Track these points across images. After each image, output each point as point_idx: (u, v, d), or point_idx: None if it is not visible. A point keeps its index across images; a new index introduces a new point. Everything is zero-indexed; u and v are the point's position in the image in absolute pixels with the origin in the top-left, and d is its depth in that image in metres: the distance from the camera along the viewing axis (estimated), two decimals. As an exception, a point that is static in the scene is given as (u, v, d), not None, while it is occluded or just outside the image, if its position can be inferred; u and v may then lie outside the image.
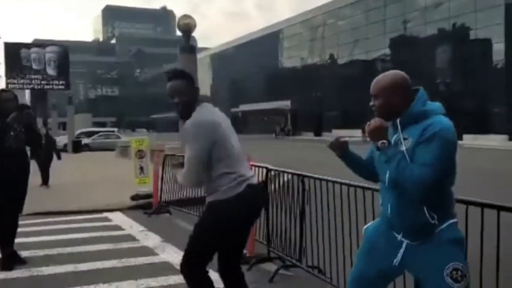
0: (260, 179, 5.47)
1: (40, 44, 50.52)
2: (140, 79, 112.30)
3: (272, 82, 59.36)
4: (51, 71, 40.27)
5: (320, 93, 50.90)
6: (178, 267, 4.93)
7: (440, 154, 2.10)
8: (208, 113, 2.94)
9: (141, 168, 9.25)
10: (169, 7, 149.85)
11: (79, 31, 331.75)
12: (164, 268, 4.96)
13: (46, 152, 11.74)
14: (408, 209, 2.24)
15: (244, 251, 5.41)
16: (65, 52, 41.47)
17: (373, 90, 2.35)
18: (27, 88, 44.58)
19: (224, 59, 73.13)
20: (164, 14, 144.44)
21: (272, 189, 5.14)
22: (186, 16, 10.82)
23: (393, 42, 44.89)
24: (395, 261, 2.34)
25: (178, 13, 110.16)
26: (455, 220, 2.27)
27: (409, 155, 2.17)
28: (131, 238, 6.43)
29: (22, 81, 39.64)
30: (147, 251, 5.70)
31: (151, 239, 6.28)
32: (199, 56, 73.01)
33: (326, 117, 50.27)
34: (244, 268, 4.89)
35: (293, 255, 4.67)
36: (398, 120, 2.28)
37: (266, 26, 64.51)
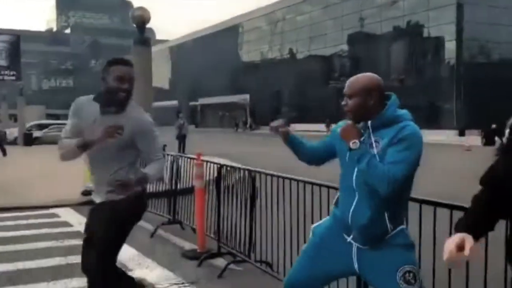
0: (212, 175, 5.48)
1: (-11, 32, 48.45)
2: (95, 70, 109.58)
3: (232, 76, 59.24)
4: (1, 60, 38.75)
5: (279, 87, 51.22)
6: (125, 263, 4.91)
7: (410, 155, 2.19)
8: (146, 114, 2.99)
9: (93, 163, 9.04)
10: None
11: (32, 20, 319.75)
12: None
13: None
14: (372, 215, 2.27)
15: (195, 247, 5.42)
16: (16, 41, 39.91)
17: (348, 89, 2.37)
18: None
19: (183, 51, 72.31)
20: (122, 4, 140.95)
21: (224, 185, 5.14)
22: (139, 8, 10.57)
23: (350, 38, 45.66)
24: (355, 266, 2.38)
25: (136, 4, 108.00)
26: (404, 226, 2.37)
27: (380, 156, 2.23)
28: (79, 234, 6.27)
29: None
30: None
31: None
32: (158, 48, 72.12)
33: (284, 111, 50.68)
34: (194, 263, 4.92)
35: (243, 250, 4.69)
36: (369, 123, 2.32)
37: (226, 19, 64.17)
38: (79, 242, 5.83)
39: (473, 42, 36.74)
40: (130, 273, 4.64)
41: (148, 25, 10.79)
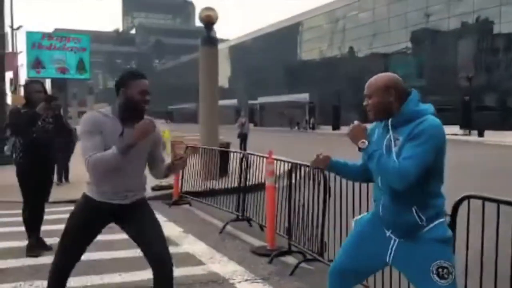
0: (283, 173, 5.52)
1: (61, 33, 51.14)
2: (158, 70, 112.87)
3: (291, 75, 59.08)
4: (71, 60, 40.74)
5: (339, 86, 50.58)
6: (199, 258, 5.06)
7: (425, 149, 2.21)
8: None
9: (162, 159, 9.34)
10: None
11: (100, 21, 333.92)
12: (184, 259, 5.02)
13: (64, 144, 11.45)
14: (399, 210, 2.35)
15: (264, 244, 5.48)
16: (85, 41, 41.89)
17: (367, 90, 2.49)
18: (48, 77, 45.25)
19: (243, 51, 72.97)
20: (184, 5, 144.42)
21: (295, 183, 5.15)
22: (207, 8, 10.81)
23: (414, 35, 44.31)
24: (388, 257, 2.45)
25: (198, 4, 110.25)
26: (442, 219, 2.37)
27: (398, 153, 2.29)
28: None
29: (42, 70, 40.22)
30: (168, 241, 5.74)
31: (171, 230, 6.36)
32: (219, 47, 72.91)
33: (344, 110, 49.99)
34: (265, 260, 4.97)
35: (314, 249, 4.68)
36: (389, 121, 2.40)
37: (286, 18, 64.11)
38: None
39: (549, 38, 34.64)
40: (203, 267, 4.78)
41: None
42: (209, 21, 10.63)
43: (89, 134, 2.73)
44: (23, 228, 5.25)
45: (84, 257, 3.05)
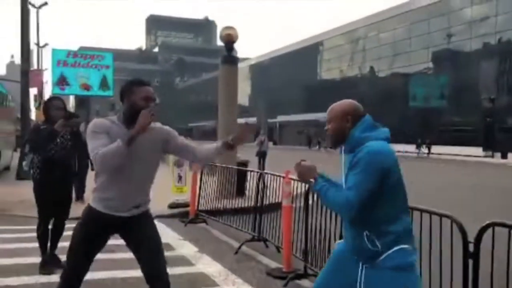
0: (300, 192, 5.43)
1: (85, 51, 52.17)
2: (179, 87, 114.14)
3: (311, 94, 59.12)
4: (95, 78, 41.49)
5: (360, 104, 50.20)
6: (213, 279, 4.97)
7: (363, 177, 2.22)
8: None
9: (179, 177, 9.32)
10: (210, 17, 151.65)
11: (123, 39, 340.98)
12: (199, 279, 4.95)
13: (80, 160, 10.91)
14: (354, 235, 2.38)
15: (280, 265, 5.38)
16: (109, 59, 42.67)
17: (327, 115, 2.53)
18: (72, 94, 46.07)
19: (263, 69, 73.45)
20: (206, 24, 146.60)
21: (312, 204, 5.06)
22: (228, 27, 10.89)
23: (436, 55, 44.02)
24: (358, 284, 2.39)
25: (220, 23, 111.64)
26: (403, 246, 2.27)
27: (345, 182, 2.33)
28: (167, 246, 6.45)
29: (67, 87, 41.02)
30: (182, 260, 5.71)
31: (187, 249, 6.29)
32: (239, 66, 73.57)
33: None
34: (280, 283, 4.86)
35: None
36: (343, 148, 2.45)
37: (306, 37, 64.42)
38: (168, 254, 6.02)
39: None
40: (217, 289, 4.69)
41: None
42: (230, 40, 10.69)
43: (96, 134, 2.76)
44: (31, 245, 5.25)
45: (127, 274, 3.00)
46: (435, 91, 42.18)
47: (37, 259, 5.20)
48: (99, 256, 3.05)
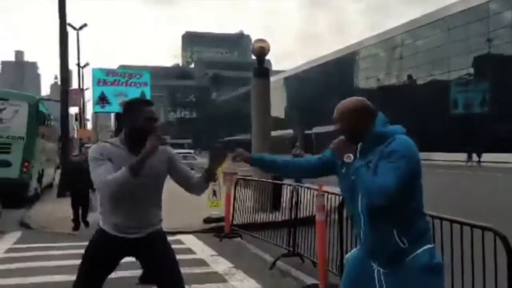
0: (334, 206, 5.27)
1: (124, 69, 53.58)
2: (216, 102, 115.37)
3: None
4: (134, 95, 42.48)
5: (397, 114, 49.39)
6: None
7: (400, 166, 2.13)
8: None
9: (214, 191, 9.29)
10: (245, 32, 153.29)
11: (161, 56, 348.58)
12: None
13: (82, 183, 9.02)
14: (379, 234, 2.24)
15: (316, 281, 5.21)
16: (146, 77, 43.66)
17: (335, 115, 2.44)
18: (113, 112, 47.33)
19: (299, 81, 73.36)
20: (241, 39, 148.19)
21: (346, 217, 4.89)
22: (260, 40, 10.89)
23: (476, 61, 42.78)
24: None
25: (254, 37, 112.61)
26: (429, 246, 2.22)
27: (373, 175, 2.21)
28: (202, 262, 6.40)
29: (107, 105, 42.19)
30: (217, 277, 5.63)
31: (221, 265, 6.21)
32: (274, 78, 73.98)
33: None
34: (315, 299, 4.70)
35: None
36: (359, 146, 2.34)
37: (341, 47, 64.03)
38: (202, 270, 5.98)
39: None
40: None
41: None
42: (261, 52, 10.67)
43: (99, 161, 2.69)
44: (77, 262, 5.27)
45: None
46: (477, 98, 40.95)
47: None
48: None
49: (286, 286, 5.29)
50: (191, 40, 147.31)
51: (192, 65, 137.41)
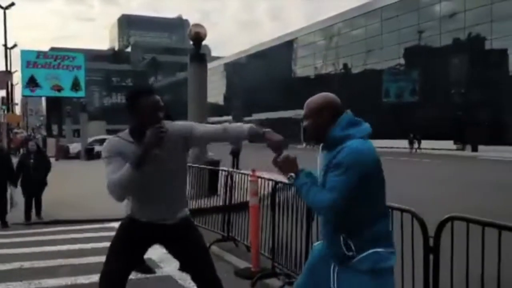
0: (268, 191, 5.36)
1: (56, 52, 51.22)
2: (154, 87, 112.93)
3: (286, 91, 59.27)
4: (66, 79, 40.77)
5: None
6: (179, 281, 4.86)
7: (347, 179, 2.10)
8: None
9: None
10: (184, 17, 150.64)
11: (96, 40, 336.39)
12: (165, 281, 4.85)
13: (37, 175, 8.74)
14: (330, 237, 2.30)
15: (249, 265, 5.30)
16: (80, 60, 41.98)
17: (304, 110, 2.36)
18: (43, 96, 45.17)
19: (238, 67, 73.30)
20: (179, 23, 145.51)
21: (279, 202, 5.00)
22: (197, 25, 10.77)
23: (407, 51, 44.59)
24: (332, 284, 2.32)
25: (193, 22, 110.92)
26: (377, 249, 2.17)
27: (324, 181, 2.22)
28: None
29: (37, 89, 40.22)
30: (151, 263, 5.58)
31: (154, 251, 6.15)
32: (213, 65, 73.53)
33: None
34: (248, 283, 4.79)
35: (299, 271, 4.51)
36: (321, 146, 2.33)
37: (280, 35, 64.55)
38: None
39: (541, 53, 34.91)
40: (183, 291, 4.59)
41: (204, 42, 10.94)
42: (198, 37, 10.57)
43: (108, 160, 2.62)
44: None
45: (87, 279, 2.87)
46: (408, 87, 42.75)
47: None
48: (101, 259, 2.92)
49: (220, 270, 5.30)
50: (127, 23, 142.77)
51: (129, 49, 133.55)
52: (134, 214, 2.80)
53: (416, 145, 36.33)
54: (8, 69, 35.63)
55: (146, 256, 4.61)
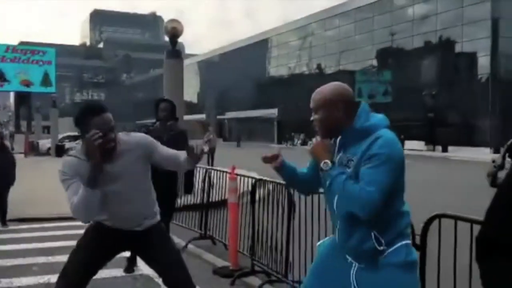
0: (247, 189, 5.30)
1: (26, 46, 49.97)
2: (126, 84, 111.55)
3: (260, 90, 59.33)
4: (36, 74, 39.80)
5: (307, 102, 50.82)
6: (157, 280, 4.75)
7: (385, 171, 1.95)
8: None
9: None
10: (158, 13, 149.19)
11: (67, 35, 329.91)
12: (141, 280, 4.74)
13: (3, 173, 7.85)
14: (355, 235, 2.09)
15: (227, 263, 5.23)
16: (51, 55, 41.04)
17: (312, 103, 2.20)
18: (12, 91, 44.00)
19: (212, 66, 72.98)
20: (153, 20, 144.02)
21: (258, 200, 4.95)
22: (173, 21, 10.59)
23: (380, 53, 45.20)
24: (352, 285, 2.15)
25: (167, 19, 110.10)
26: (406, 241, 2.09)
27: (353, 175, 2.03)
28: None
29: (5, 83, 39.14)
30: (124, 261, 5.45)
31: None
32: (187, 62, 72.89)
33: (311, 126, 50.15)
34: (226, 281, 4.71)
35: (279, 269, 4.46)
36: (338, 140, 2.14)
37: (255, 34, 64.56)
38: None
39: (509, 57, 35.85)
40: (161, 290, 4.49)
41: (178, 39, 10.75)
42: (175, 33, 10.40)
43: (67, 182, 2.57)
44: None
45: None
46: (380, 88, 43.33)
47: None
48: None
49: (198, 268, 5.24)
50: (100, 18, 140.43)
51: (101, 45, 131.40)
52: (102, 220, 2.77)
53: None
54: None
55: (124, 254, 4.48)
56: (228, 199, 5.25)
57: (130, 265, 5.04)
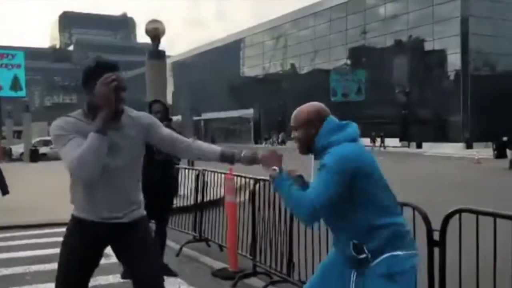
0: (248, 190, 5.24)
1: (-7, 49, 48.59)
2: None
3: (235, 91, 59.23)
4: (5, 78, 38.76)
5: (282, 102, 51.14)
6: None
7: (324, 182, 2.11)
8: None
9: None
10: (128, 15, 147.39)
11: (36, 37, 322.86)
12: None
13: None
14: (341, 243, 2.28)
15: (225, 265, 5.16)
16: (20, 58, 40.00)
17: (292, 122, 2.39)
18: (-21, 95, 42.75)
19: (186, 67, 72.47)
20: (124, 21, 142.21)
21: (260, 200, 4.90)
22: (154, 21, 10.43)
23: (352, 52, 45.66)
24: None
25: (138, 21, 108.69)
26: (393, 253, 2.14)
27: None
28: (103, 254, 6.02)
29: (-27, 87, 37.96)
30: (120, 267, 5.33)
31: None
32: (161, 63, 72.12)
33: (289, 125, 50.36)
34: (228, 283, 4.65)
35: (281, 270, 4.42)
36: (312, 155, 2.35)
37: (229, 34, 64.44)
38: (103, 261, 5.59)
39: (478, 54, 36.71)
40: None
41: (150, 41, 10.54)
42: (156, 34, 10.25)
43: (63, 138, 2.27)
44: None
45: None
46: (354, 86, 43.77)
47: None
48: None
49: (196, 272, 5.18)
50: (69, 20, 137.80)
51: (71, 47, 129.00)
52: (81, 212, 2.44)
53: (378, 143, 37.05)
54: None
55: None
56: (226, 198, 5.19)
57: (128, 270, 4.92)
